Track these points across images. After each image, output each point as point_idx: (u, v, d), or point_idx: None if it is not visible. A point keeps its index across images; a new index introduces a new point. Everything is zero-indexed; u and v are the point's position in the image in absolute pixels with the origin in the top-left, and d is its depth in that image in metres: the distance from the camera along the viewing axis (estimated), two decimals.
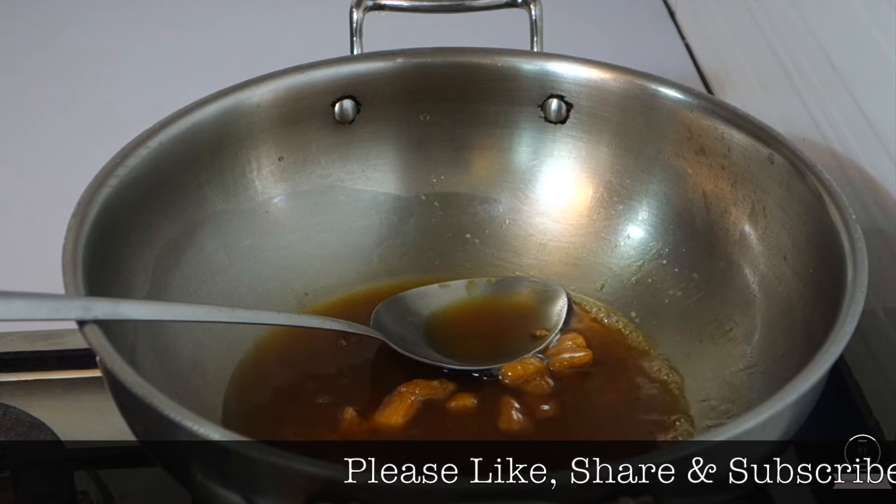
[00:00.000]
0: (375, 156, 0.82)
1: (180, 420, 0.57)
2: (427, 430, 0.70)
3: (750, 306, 0.74)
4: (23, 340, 0.79)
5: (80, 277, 0.63)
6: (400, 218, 0.82)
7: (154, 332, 0.70)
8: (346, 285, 0.80)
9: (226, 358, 0.74)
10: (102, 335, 0.61)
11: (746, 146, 0.75)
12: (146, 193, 0.72)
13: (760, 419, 0.58)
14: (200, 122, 0.75)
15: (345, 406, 0.70)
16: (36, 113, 1.03)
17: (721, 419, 0.70)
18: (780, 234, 0.73)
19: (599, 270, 0.80)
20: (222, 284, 0.76)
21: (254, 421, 0.71)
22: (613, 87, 0.79)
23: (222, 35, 1.13)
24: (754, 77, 0.96)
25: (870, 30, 0.75)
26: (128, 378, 0.59)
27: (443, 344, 0.76)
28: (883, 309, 0.75)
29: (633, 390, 0.73)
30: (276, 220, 0.79)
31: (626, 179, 0.80)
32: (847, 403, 0.76)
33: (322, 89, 0.79)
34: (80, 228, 0.66)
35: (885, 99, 0.74)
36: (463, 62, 0.81)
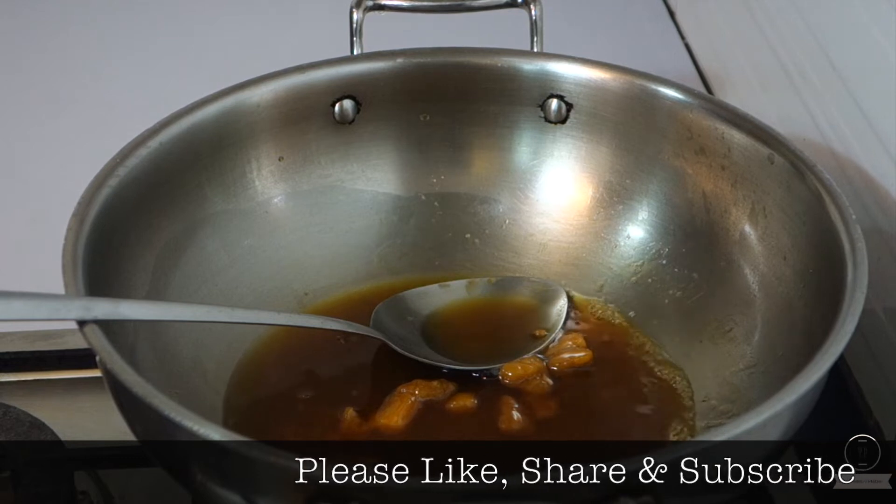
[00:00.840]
0: (375, 156, 0.82)
1: (180, 420, 0.56)
2: (427, 431, 0.70)
3: (750, 306, 0.74)
4: (23, 340, 0.79)
5: (80, 277, 0.63)
6: (400, 218, 0.82)
7: (154, 332, 0.70)
8: (345, 285, 0.80)
9: (226, 358, 0.74)
10: (102, 335, 0.61)
11: (746, 146, 0.75)
12: (146, 193, 0.72)
13: (760, 419, 0.58)
14: (200, 122, 0.75)
15: (345, 406, 0.70)
16: (36, 113, 1.03)
17: (721, 419, 0.70)
18: (780, 234, 0.73)
19: (599, 270, 0.80)
20: (222, 284, 0.76)
21: (254, 421, 0.71)
22: (613, 87, 0.79)
23: (222, 35, 1.13)
24: (754, 77, 0.96)
25: (870, 30, 0.75)
26: (128, 378, 0.59)
27: (443, 344, 0.75)
28: (883, 309, 0.75)
29: (633, 390, 0.73)
30: (276, 220, 0.79)
31: (626, 179, 0.80)
32: (847, 403, 0.76)
33: (322, 89, 0.79)
34: (81, 228, 0.66)
35: (885, 99, 0.74)
36: (463, 62, 0.81)
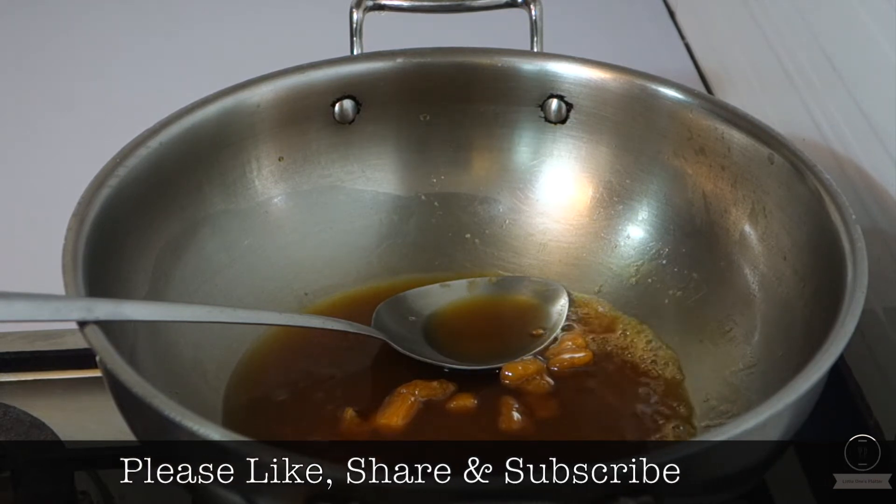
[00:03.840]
0: (375, 156, 0.81)
1: (180, 420, 0.56)
2: (427, 431, 0.70)
3: (750, 306, 0.74)
4: (23, 340, 0.79)
5: (80, 277, 0.63)
6: (400, 218, 0.82)
7: (154, 333, 0.70)
8: (346, 285, 0.80)
9: (226, 358, 0.74)
10: (103, 335, 0.61)
11: (746, 146, 0.75)
12: (146, 193, 0.72)
13: (760, 419, 0.58)
14: (201, 121, 0.75)
15: (345, 407, 0.70)
16: (35, 113, 1.03)
17: (721, 419, 0.70)
18: (779, 234, 0.73)
19: (599, 270, 0.80)
20: (222, 284, 0.76)
21: (254, 421, 0.71)
22: (613, 87, 0.79)
23: (222, 35, 1.13)
24: (754, 77, 0.96)
25: (870, 30, 0.75)
26: (128, 378, 0.59)
27: (444, 344, 0.75)
28: (883, 309, 0.75)
29: (633, 391, 0.73)
30: (276, 220, 0.79)
31: (626, 179, 0.80)
32: (847, 403, 0.76)
33: (322, 89, 0.79)
34: (81, 228, 0.66)
35: (885, 99, 0.74)
36: (463, 62, 0.81)
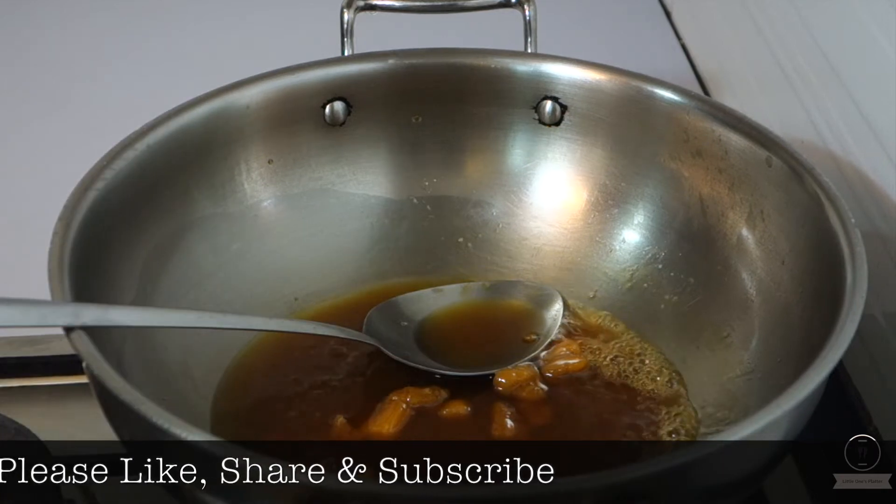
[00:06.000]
0: (366, 158, 0.81)
1: (168, 427, 0.56)
2: (419, 439, 0.69)
3: (747, 311, 0.74)
4: (7, 346, 0.79)
5: (66, 282, 0.63)
6: (392, 221, 0.82)
7: (141, 338, 0.70)
8: (337, 290, 0.80)
9: (214, 364, 0.73)
10: (89, 341, 0.60)
11: (744, 149, 0.75)
12: (133, 197, 0.72)
13: (758, 426, 0.57)
14: (189, 124, 0.75)
15: (335, 414, 0.70)
16: (20, 116, 1.03)
17: (718, 426, 0.70)
18: (777, 238, 0.73)
19: (594, 275, 0.80)
20: (211, 289, 0.76)
21: (242, 429, 0.70)
22: (608, 88, 0.79)
23: (212, 36, 1.13)
24: (752, 78, 0.96)
25: (870, 30, 0.75)
26: (115, 384, 0.58)
27: (436, 349, 0.75)
28: (882, 314, 0.75)
29: (628, 397, 0.73)
30: (265, 224, 0.79)
31: (621, 182, 0.80)
32: (846, 410, 0.76)
33: (312, 91, 0.79)
34: (67, 232, 0.66)
35: (885, 100, 0.74)
36: (456, 63, 0.81)
